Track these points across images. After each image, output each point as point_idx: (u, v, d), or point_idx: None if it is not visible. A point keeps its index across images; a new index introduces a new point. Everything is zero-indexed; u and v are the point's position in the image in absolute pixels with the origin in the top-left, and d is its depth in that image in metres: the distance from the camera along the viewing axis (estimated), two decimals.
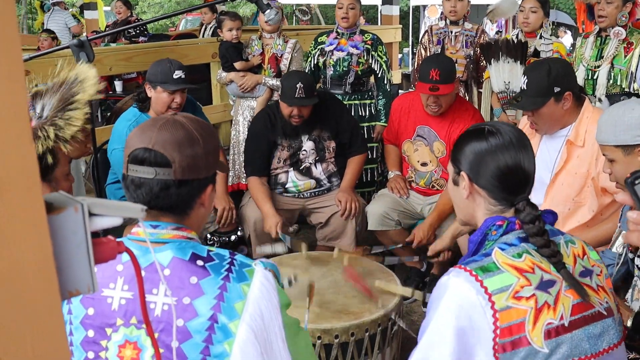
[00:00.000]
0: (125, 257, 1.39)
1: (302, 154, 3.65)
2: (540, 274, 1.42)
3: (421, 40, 4.80)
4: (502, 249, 1.45)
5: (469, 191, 1.57)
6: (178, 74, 3.24)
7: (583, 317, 1.43)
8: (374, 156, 4.41)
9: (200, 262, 1.38)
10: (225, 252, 1.42)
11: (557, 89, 2.66)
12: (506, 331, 1.37)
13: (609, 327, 1.46)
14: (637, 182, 1.24)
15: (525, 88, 2.73)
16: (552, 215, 1.58)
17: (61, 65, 1.22)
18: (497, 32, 6.79)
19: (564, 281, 1.43)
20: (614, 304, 1.52)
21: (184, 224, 1.45)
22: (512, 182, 1.52)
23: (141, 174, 1.41)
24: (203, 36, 7.95)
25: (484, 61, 4.48)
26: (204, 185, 1.47)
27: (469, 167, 1.56)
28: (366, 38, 4.36)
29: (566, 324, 1.40)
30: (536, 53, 4.14)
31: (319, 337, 2.35)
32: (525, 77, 2.75)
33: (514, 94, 4.13)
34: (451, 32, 4.54)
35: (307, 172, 3.69)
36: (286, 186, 3.68)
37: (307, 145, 3.65)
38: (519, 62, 4.06)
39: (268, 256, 2.92)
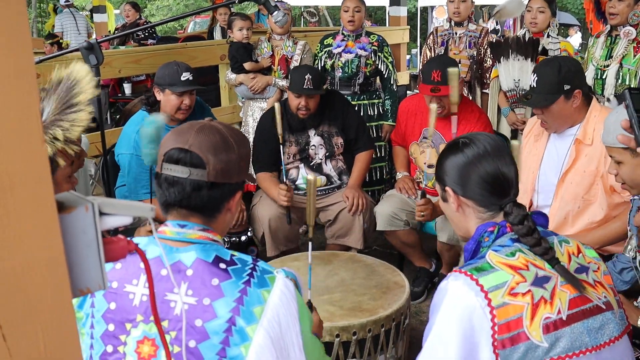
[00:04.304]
0: (150, 254, 1.42)
1: (311, 149, 3.67)
2: (535, 270, 1.45)
3: (427, 41, 4.81)
4: (496, 251, 1.49)
5: (457, 204, 1.62)
6: (186, 75, 3.25)
7: (581, 311, 1.45)
8: (382, 155, 4.44)
9: (222, 265, 1.39)
10: (248, 258, 1.44)
11: (567, 87, 2.66)
12: (504, 327, 1.39)
13: (609, 321, 1.48)
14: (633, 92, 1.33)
15: (535, 85, 2.73)
16: (542, 217, 1.61)
17: (58, 69, 1.23)
18: (493, 31, 6.74)
19: (559, 277, 1.46)
20: (613, 299, 1.54)
21: (211, 227, 1.48)
22: (495, 188, 1.57)
23: (175, 173, 1.44)
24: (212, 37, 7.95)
25: (487, 62, 4.47)
26: (234, 190, 1.50)
27: (452, 181, 1.61)
28: (372, 39, 4.38)
29: (564, 318, 1.42)
30: (544, 52, 4.12)
31: (337, 335, 2.37)
32: (535, 74, 2.74)
33: (524, 92, 4.12)
34: (455, 33, 4.53)
35: (317, 169, 3.71)
36: (297, 182, 3.69)
37: (315, 140, 3.67)
38: (529, 59, 4.04)
39: None
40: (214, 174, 1.43)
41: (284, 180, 3.66)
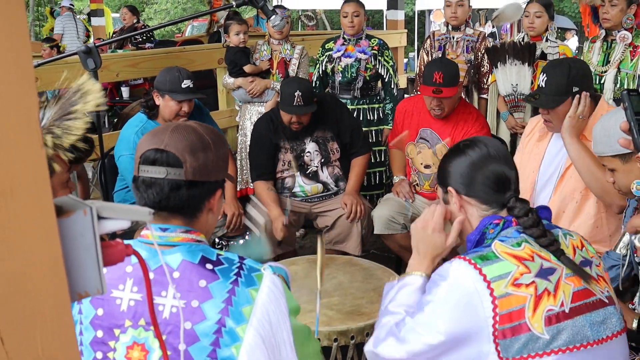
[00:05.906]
0: (134, 258, 1.40)
1: (307, 156, 3.66)
2: (540, 262, 1.47)
3: (424, 45, 4.81)
4: (502, 241, 1.50)
5: (459, 204, 1.65)
6: (187, 83, 3.25)
7: (585, 304, 1.46)
8: (382, 159, 4.43)
9: (209, 266, 1.39)
10: (235, 257, 1.43)
11: (575, 89, 2.66)
12: (506, 317, 1.40)
13: (611, 315, 1.49)
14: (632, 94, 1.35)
15: (543, 86, 2.72)
16: (546, 211, 1.64)
17: (66, 76, 1.23)
18: (490, 34, 6.77)
19: (564, 269, 1.47)
20: (614, 294, 1.56)
21: (194, 228, 1.46)
22: (497, 183, 1.60)
23: (152, 174, 1.42)
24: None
25: (485, 66, 4.47)
26: (214, 189, 1.49)
27: (454, 181, 1.65)
28: (373, 43, 4.38)
29: (567, 311, 1.43)
30: (543, 55, 4.13)
31: (336, 340, 2.36)
32: (545, 74, 2.73)
33: (522, 96, 4.13)
34: (452, 37, 4.54)
35: (314, 176, 3.70)
36: (293, 190, 3.68)
37: (310, 146, 3.66)
38: (526, 64, 4.05)
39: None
40: (191, 172, 1.41)
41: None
